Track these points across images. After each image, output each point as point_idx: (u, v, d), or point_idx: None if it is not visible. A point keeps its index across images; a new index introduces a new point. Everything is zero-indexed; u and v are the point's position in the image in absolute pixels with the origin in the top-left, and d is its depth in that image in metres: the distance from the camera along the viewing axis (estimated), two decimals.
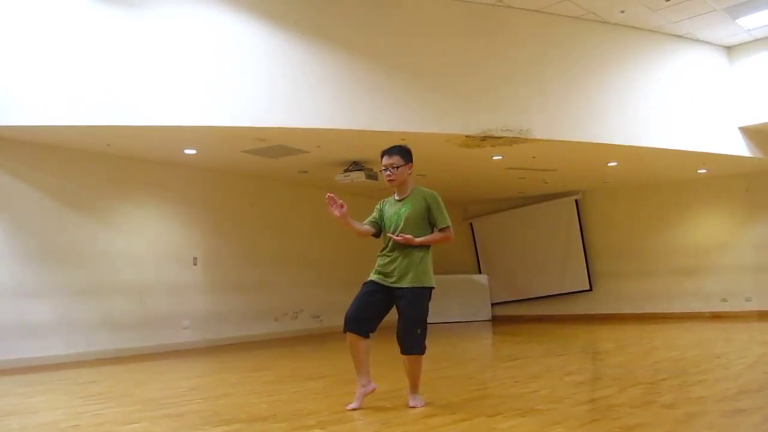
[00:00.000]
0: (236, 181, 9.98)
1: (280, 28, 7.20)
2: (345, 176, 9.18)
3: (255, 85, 7.10)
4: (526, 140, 7.97)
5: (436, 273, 4.20)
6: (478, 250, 13.87)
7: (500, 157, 9.10)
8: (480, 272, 13.71)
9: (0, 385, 5.91)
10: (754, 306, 11.25)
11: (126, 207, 8.68)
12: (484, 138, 7.81)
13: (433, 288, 4.12)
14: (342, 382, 5.37)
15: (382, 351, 4.70)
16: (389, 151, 4.18)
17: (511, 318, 13.22)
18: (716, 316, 11.36)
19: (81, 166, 8.19)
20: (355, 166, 9.17)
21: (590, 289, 12.62)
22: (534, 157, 9.26)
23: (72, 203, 8.09)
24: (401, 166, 4.14)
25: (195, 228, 9.50)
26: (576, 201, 12.82)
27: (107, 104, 6.81)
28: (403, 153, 4.17)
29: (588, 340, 8.89)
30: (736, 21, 8.63)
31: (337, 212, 4.04)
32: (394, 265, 4.06)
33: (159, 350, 8.61)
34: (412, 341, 3.99)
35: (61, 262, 7.88)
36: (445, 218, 4.13)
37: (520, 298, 13.32)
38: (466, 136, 7.72)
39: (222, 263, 9.77)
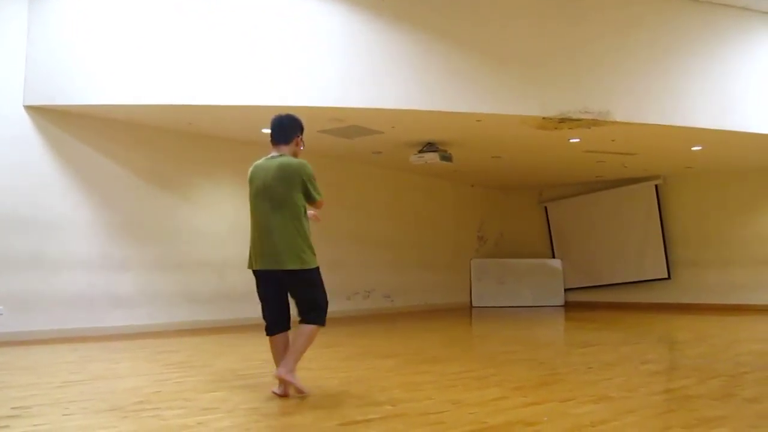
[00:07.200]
0: (311, 161, 9.99)
1: (359, 8, 7.22)
2: (419, 157, 9.18)
3: (332, 65, 7.16)
4: (606, 123, 7.75)
5: (509, 257, 4.17)
6: (552, 235, 13.60)
7: (578, 140, 8.90)
8: (554, 257, 13.48)
9: (90, 351, 6.25)
10: None
11: (206, 184, 8.95)
12: (562, 120, 7.64)
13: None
14: (413, 361, 5.42)
15: (450, 333, 4.71)
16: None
17: (584, 304, 12.96)
18: None
19: (164, 144, 8.47)
20: (430, 147, 9.15)
21: (668, 278, 12.23)
22: (613, 141, 9.01)
23: (155, 180, 8.40)
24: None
25: None
26: (656, 186, 12.41)
27: (188, 84, 7.03)
28: None
29: (665, 330, 8.64)
30: None
31: None
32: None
33: (235, 324, 8.88)
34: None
35: (144, 237, 8.21)
36: None
37: (595, 284, 13.04)
38: (543, 118, 7.57)
39: None
